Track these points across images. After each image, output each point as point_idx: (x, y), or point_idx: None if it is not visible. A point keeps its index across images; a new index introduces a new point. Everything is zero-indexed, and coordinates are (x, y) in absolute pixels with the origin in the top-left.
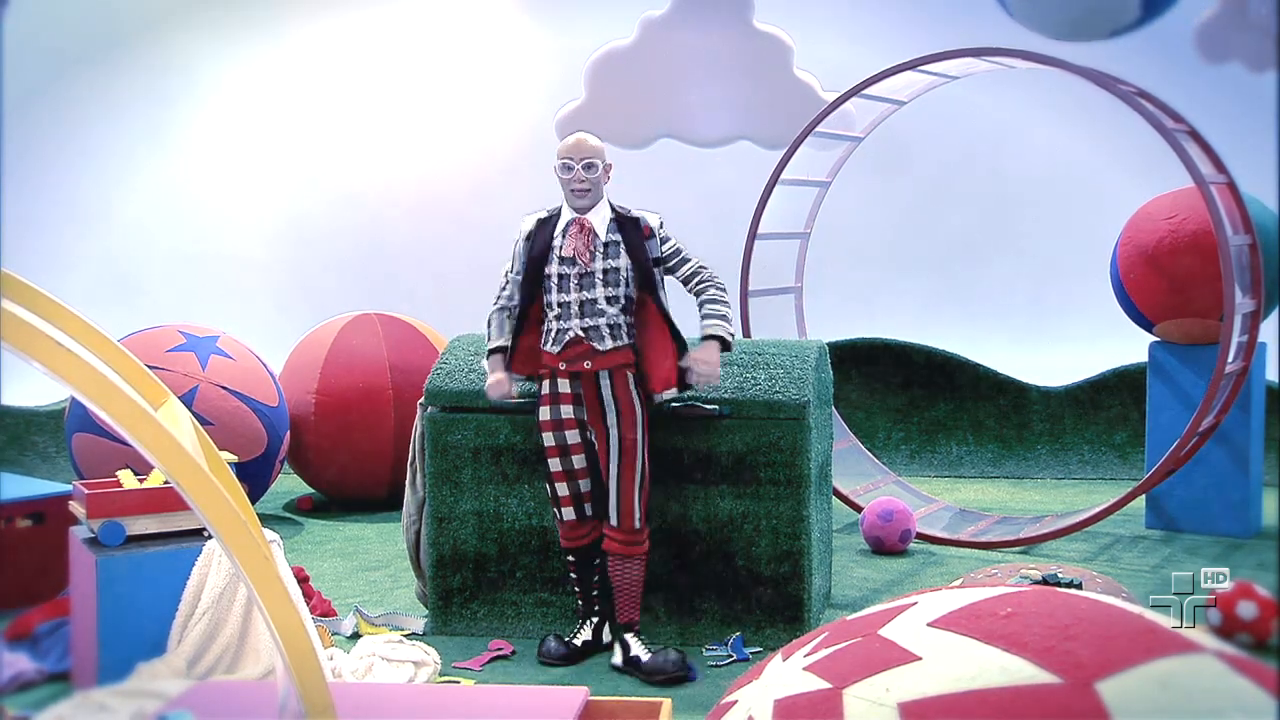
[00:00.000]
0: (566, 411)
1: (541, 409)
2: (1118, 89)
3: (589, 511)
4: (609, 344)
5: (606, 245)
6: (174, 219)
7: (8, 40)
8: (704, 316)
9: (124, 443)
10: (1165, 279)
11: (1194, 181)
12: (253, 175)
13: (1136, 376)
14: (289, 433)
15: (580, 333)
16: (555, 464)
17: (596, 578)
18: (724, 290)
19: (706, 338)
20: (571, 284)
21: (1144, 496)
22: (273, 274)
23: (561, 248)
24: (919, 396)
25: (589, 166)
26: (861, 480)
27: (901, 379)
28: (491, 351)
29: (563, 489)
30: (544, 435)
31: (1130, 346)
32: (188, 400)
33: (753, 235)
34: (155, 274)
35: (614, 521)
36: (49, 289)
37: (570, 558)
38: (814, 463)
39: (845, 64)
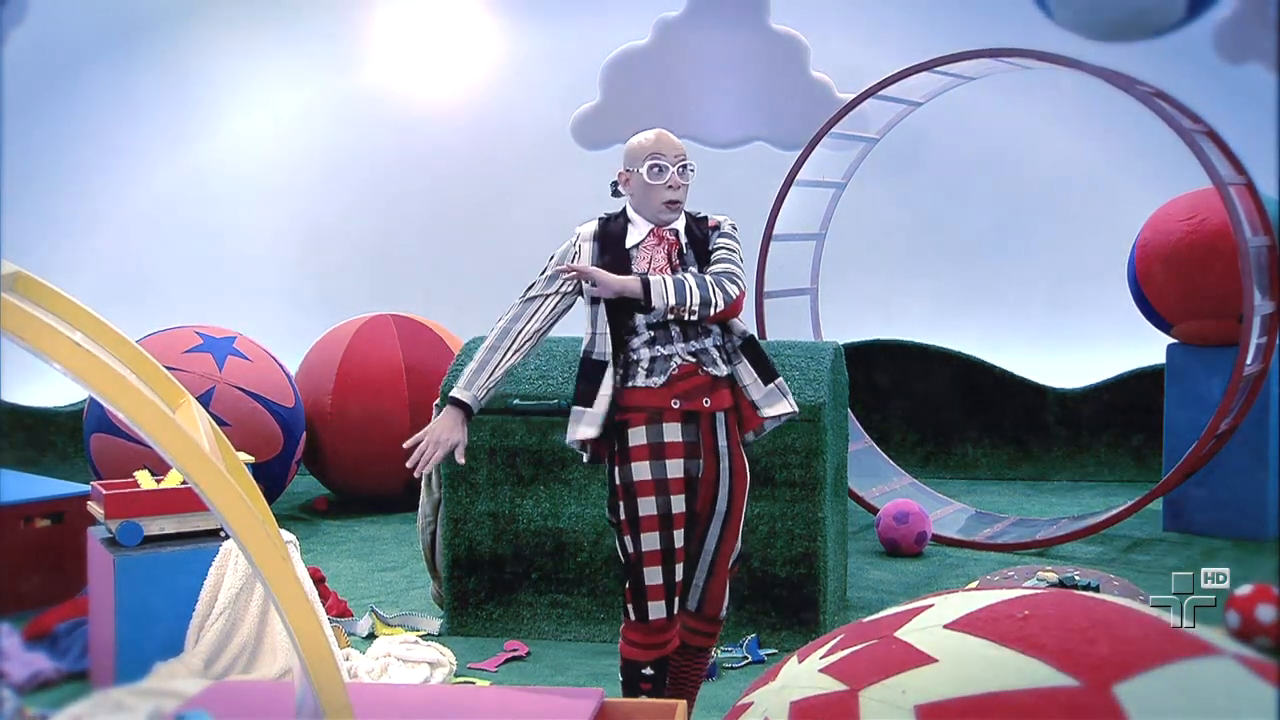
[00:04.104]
0: (675, 469)
1: (634, 466)
2: (1135, 90)
3: (677, 606)
4: (722, 369)
5: (684, 255)
6: (189, 219)
7: (23, 37)
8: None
9: (142, 443)
10: (1183, 280)
11: (1212, 183)
12: (268, 176)
13: (1154, 378)
14: (305, 433)
15: (688, 357)
16: (652, 541)
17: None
18: (733, 284)
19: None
20: None
21: (1162, 499)
22: (288, 275)
23: (650, 262)
24: (935, 398)
25: (684, 169)
26: (877, 482)
27: (917, 380)
28: (453, 401)
29: (654, 576)
30: (640, 501)
31: (1148, 348)
32: (204, 401)
33: (768, 236)
34: (170, 274)
35: (692, 607)
36: (64, 289)
37: (647, 669)
38: (829, 464)
39: (861, 65)
